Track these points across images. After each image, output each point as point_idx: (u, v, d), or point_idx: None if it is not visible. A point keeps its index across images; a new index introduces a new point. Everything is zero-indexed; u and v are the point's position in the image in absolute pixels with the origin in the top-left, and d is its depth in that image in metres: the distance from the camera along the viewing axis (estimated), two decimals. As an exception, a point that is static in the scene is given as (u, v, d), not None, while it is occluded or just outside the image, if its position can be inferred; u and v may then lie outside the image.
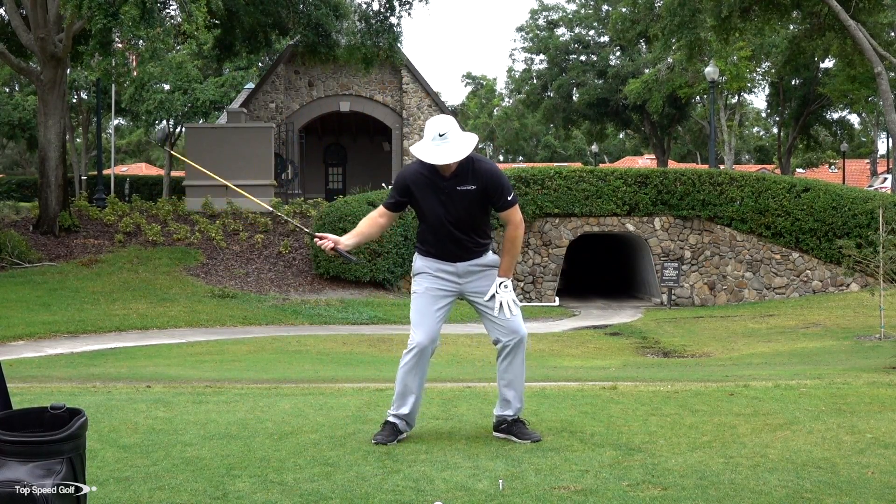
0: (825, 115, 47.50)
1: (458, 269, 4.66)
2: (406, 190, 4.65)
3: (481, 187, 4.56)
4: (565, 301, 21.97)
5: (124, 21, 16.45)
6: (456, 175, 4.56)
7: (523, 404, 4.76)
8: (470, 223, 4.62)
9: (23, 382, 7.31)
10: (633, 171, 22.25)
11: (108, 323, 14.84)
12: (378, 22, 25.46)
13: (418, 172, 4.64)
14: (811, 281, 20.84)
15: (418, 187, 4.61)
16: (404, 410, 4.63)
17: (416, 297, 4.71)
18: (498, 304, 4.59)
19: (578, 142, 68.67)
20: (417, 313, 4.67)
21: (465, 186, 4.55)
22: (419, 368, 4.64)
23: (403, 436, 4.64)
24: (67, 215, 21.49)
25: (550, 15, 49.99)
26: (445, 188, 4.56)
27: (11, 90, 48.09)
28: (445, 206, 4.57)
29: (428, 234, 4.68)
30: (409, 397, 4.65)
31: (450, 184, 4.55)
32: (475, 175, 4.58)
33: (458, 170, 4.56)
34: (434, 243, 4.66)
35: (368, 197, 20.78)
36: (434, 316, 4.65)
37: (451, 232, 4.59)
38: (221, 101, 38.34)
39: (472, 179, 4.56)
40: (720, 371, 9.24)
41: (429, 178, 4.59)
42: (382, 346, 13.23)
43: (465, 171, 4.57)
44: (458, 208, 4.56)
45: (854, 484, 3.71)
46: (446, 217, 4.57)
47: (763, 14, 25.22)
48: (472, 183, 4.56)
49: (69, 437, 2.61)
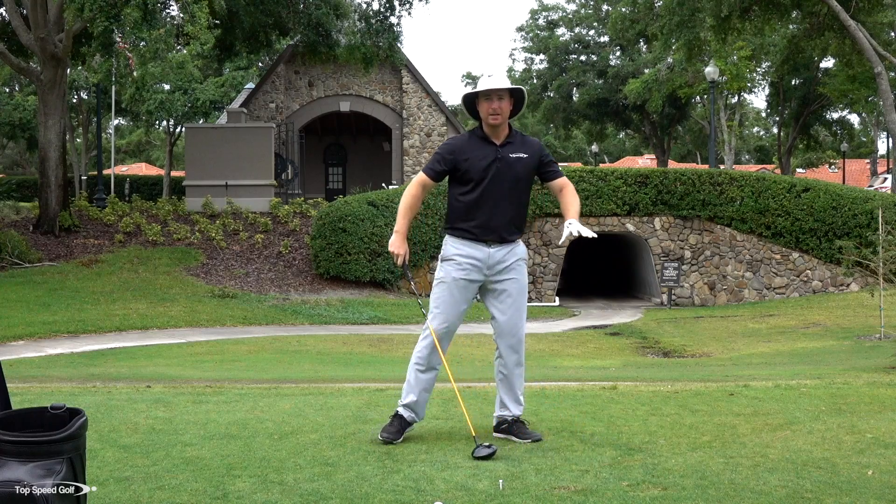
0: (825, 115, 47.50)
1: (490, 256, 4.55)
2: (454, 155, 4.55)
3: (533, 155, 4.59)
4: (565, 301, 21.97)
5: (126, 23, 16.44)
6: (508, 142, 4.57)
7: (524, 404, 4.76)
8: (517, 194, 4.57)
9: (23, 382, 7.31)
10: (633, 171, 22.25)
11: (108, 323, 14.84)
12: (378, 22, 25.47)
13: (468, 137, 4.63)
14: (811, 281, 20.84)
15: (469, 150, 4.55)
16: (412, 398, 4.61)
17: (439, 284, 4.62)
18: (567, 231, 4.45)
19: (578, 142, 68.66)
20: (438, 301, 4.60)
21: (518, 154, 4.56)
22: (432, 357, 4.61)
23: (412, 428, 4.63)
24: (67, 215, 21.50)
25: (550, 15, 49.99)
26: (499, 153, 4.53)
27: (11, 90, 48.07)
28: (499, 171, 4.51)
29: (470, 208, 4.54)
30: (417, 386, 4.62)
31: (503, 150, 4.55)
32: (525, 144, 4.61)
33: (510, 137, 4.58)
34: (475, 218, 4.53)
35: (368, 197, 20.77)
36: (454, 306, 4.58)
37: (498, 203, 4.52)
38: (221, 101, 38.33)
39: (523, 148, 4.59)
40: (720, 371, 9.24)
41: (480, 143, 4.57)
42: (382, 346, 13.23)
43: (516, 139, 4.60)
44: (510, 176, 4.52)
45: (854, 484, 3.71)
46: (497, 182, 4.51)
47: (763, 14, 25.21)
48: (524, 151, 4.58)
49: (69, 437, 2.61)
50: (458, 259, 4.57)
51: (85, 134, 45.63)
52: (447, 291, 4.58)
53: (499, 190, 4.52)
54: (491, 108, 4.50)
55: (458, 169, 4.56)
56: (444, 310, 4.58)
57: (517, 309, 4.63)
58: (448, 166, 4.58)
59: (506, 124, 4.59)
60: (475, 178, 4.53)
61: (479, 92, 4.54)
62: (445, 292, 4.59)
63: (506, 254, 4.58)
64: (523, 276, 4.67)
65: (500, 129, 4.57)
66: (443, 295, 4.60)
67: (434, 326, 4.57)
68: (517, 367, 4.68)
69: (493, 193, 4.52)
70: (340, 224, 19.63)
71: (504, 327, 4.64)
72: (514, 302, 4.61)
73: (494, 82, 4.51)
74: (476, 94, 4.57)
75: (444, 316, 4.58)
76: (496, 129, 4.57)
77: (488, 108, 4.51)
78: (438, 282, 4.64)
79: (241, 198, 24.43)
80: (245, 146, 25.54)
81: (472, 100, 4.63)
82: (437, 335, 4.56)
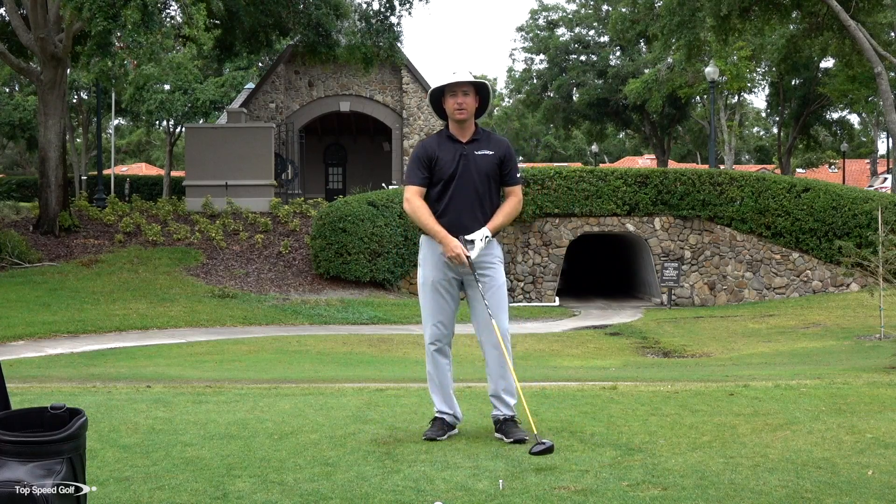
0: (825, 115, 47.49)
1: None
2: (427, 157, 4.63)
3: (499, 153, 4.65)
4: (565, 301, 21.97)
5: (125, 24, 16.40)
6: (474, 139, 4.64)
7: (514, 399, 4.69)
8: (487, 191, 4.62)
9: (23, 382, 7.32)
10: (633, 171, 22.25)
11: (108, 323, 14.84)
12: (378, 22, 25.45)
13: (436, 138, 4.71)
14: (811, 281, 20.84)
15: (438, 151, 4.63)
16: (442, 405, 4.67)
17: (421, 289, 4.72)
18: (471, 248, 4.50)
19: (578, 142, 68.66)
20: (427, 306, 4.69)
21: (484, 151, 4.62)
22: (440, 362, 4.68)
23: (455, 431, 4.67)
24: (67, 215, 21.50)
25: (550, 15, 49.96)
26: (464, 150, 4.61)
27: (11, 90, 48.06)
28: (465, 167, 4.58)
29: (439, 207, 4.61)
30: (440, 392, 4.69)
31: (469, 147, 4.62)
32: (492, 142, 4.68)
33: (476, 135, 4.65)
34: (444, 216, 4.59)
35: (368, 197, 20.77)
36: (440, 309, 4.65)
37: (466, 200, 4.57)
38: (221, 101, 38.35)
39: (489, 145, 4.65)
40: (720, 371, 9.24)
41: (447, 142, 4.65)
42: (382, 346, 13.23)
43: (483, 136, 4.67)
44: (477, 171, 4.58)
45: (854, 484, 3.71)
46: (464, 180, 4.57)
47: (763, 14, 25.21)
48: (491, 148, 4.64)
49: (69, 437, 2.61)
50: (432, 260, 4.65)
51: (85, 134, 45.64)
52: (429, 295, 4.67)
53: (466, 187, 4.58)
54: (456, 103, 4.58)
55: (431, 168, 4.64)
56: (432, 314, 4.67)
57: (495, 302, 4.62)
58: (427, 169, 4.65)
59: (472, 122, 4.67)
60: (443, 177, 4.61)
61: (444, 88, 4.62)
62: (428, 297, 4.68)
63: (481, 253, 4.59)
64: (499, 273, 4.68)
65: (465, 127, 4.65)
66: (426, 300, 4.70)
67: (427, 335, 4.68)
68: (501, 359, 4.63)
69: (460, 191, 4.58)
70: (340, 224, 19.62)
71: (481, 321, 4.65)
72: (490, 295, 4.61)
73: (459, 77, 4.61)
74: (442, 92, 4.64)
75: (433, 321, 4.66)
76: (462, 126, 4.64)
77: (453, 104, 4.59)
78: (420, 287, 4.75)
79: (241, 198, 24.43)
80: (245, 146, 25.54)
81: (439, 99, 4.70)
82: (434, 342, 4.66)
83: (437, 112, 4.77)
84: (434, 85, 4.68)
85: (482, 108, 4.69)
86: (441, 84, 4.63)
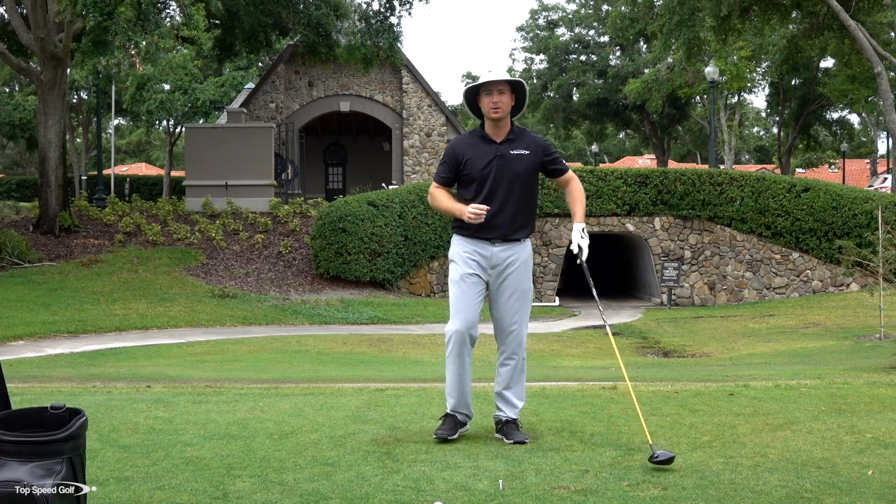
0: (825, 115, 47.49)
1: (493, 255, 4.55)
2: (457, 157, 4.58)
3: (535, 151, 4.58)
4: (565, 301, 21.97)
5: (119, 21, 16.37)
6: (508, 139, 4.56)
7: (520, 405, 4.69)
8: (521, 191, 4.54)
9: (23, 382, 7.31)
10: (633, 171, 22.25)
11: (108, 323, 14.84)
12: (378, 22, 25.44)
13: (468, 137, 4.65)
14: (811, 281, 20.84)
15: (469, 150, 4.57)
16: (455, 402, 4.60)
17: (452, 284, 4.62)
18: (577, 245, 4.51)
19: (578, 142, 68.65)
20: (454, 300, 4.59)
21: (519, 150, 4.55)
22: (461, 358, 4.56)
23: (465, 428, 4.63)
24: (67, 215, 21.50)
25: (550, 15, 49.98)
26: (498, 150, 4.53)
27: (11, 90, 48.07)
28: (499, 168, 4.51)
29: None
30: (457, 388, 4.59)
31: (503, 147, 4.55)
32: (527, 140, 4.60)
33: (511, 134, 4.58)
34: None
35: (368, 197, 20.76)
36: (471, 303, 4.55)
37: (500, 200, 4.49)
38: (221, 101, 38.36)
39: (524, 144, 4.57)
40: (720, 371, 9.24)
41: (480, 142, 4.58)
42: (382, 346, 13.23)
43: (517, 135, 4.59)
44: (511, 172, 4.51)
45: (854, 484, 3.71)
46: (498, 180, 4.50)
47: (763, 14, 25.21)
48: (525, 148, 4.56)
49: (69, 437, 2.61)
50: (464, 256, 4.58)
51: (85, 134, 45.64)
52: (459, 289, 4.57)
53: (500, 187, 4.51)
54: (491, 101, 4.51)
55: (461, 169, 4.58)
56: (460, 307, 4.55)
57: (517, 308, 4.61)
58: (452, 170, 4.60)
59: (507, 121, 4.59)
60: (476, 176, 4.54)
61: (480, 87, 4.55)
62: (457, 290, 4.58)
63: (510, 254, 4.57)
64: (526, 277, 4.65)
65: (501, 126, 4.58)
66: (455, 293, 4.58)
67: (455, 327, 4.54)
68: (516, 367, 4.65)
69: (494, 191, 4.51)
70: (340, 224, 19.62)
71: (501, 326, 4.63)
72: (514, 300, 4.60)
73: (495, 76, 4.54)
74: (478, 91, 4.57)
75: (461, 315, 4.54)
76: (497, 125, 4.57)
77: (489, 103, 4.52)
78: (450, 282, 4.65)
79: (241, 198, 24.43)
80: (245, 146, 25.54)
81: (474, 98, 4.63)
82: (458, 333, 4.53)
83: (472, 111, 4.68)
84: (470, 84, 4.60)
85: (518, 106, 4.62)
86: (477, 83, 4.56)
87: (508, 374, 4.65)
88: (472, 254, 4.56)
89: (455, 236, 4.66)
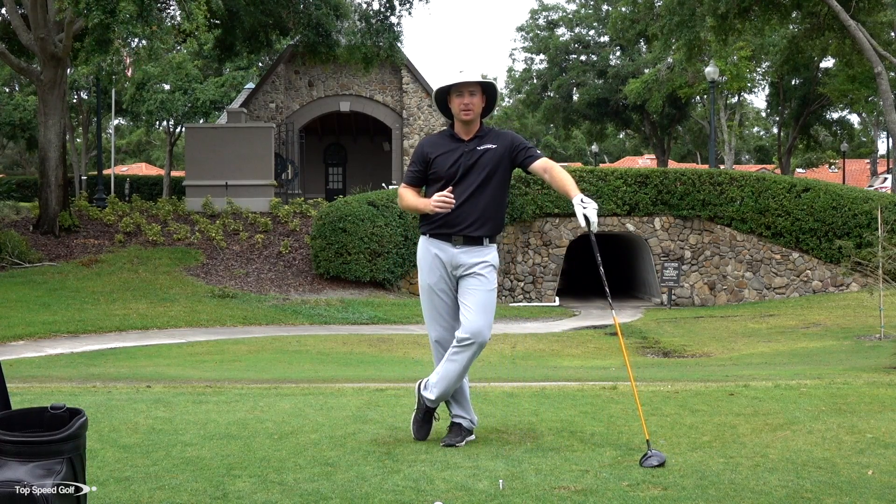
0: (825, 115, 47.48)
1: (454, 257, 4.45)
2: (425, 157, 4.54)
3: (503, 144, 4.51)
4: (565, 301, 21.97)
5: (121, 17, 16.36)
6: (477, 136, 4.53)
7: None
8: (487, 189, 4.45)
9: (23, 382, 7.32)
10: (633, 171, 22.25)
11: (108, 323, 14.84)
12: (378, 21, 25.44)
13: (437, 137, 4.63)
14: (811, 281, 20.85)
15: (436, 149, 4.53)
16: (456, 409, 4.59)
17: (421, 291, 4.63)
18: (582, 217, 4.27)
19: (578, 142, 68.66)
20: (425, 311, 4.63)
21: (486, 145, 4.50)
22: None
23: (472, 437, 4.55)
24: (67, 215, 21.50)
25: (550, 15, 49.97)
26: (466, 148, 4.49)
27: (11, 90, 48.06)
28: (465, 163, 4.46)
29: None
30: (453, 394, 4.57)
31: (470, 144, 4.51)
32: (496, 136, 4.55)
33: (479, 132, 4.54)
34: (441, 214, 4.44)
35: (368, 197, 20.77)
36: (440, 313, 4.56)
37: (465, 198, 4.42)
38: (221, 101, 38.35)
39: (493, 140, 4.52)
40: (720, 371, 9.24)
41: (449, 141, 4.55)
42: (382, 346, 13.23)
43: (486, 133, 4.55)
44: (478, 167, 4.45)
45: (854, 484, 3.71)
46: (465, 175, 4.44)
47: (763, 14, 25.21)
48: (494, 143, 4.51)
49: (69, 437, 2.61)
50: (427, 261, 4.56)
51: (85, 134, 45.63)
52: (427, 299, 4.60)
53: (466, 185, 4.45)
54: (462, 103, 4.47)
55: (429, 168, 4.55)
56: (433, 317, 4.59)
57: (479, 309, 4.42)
58: (421, 168, 4.57)
59: (477, 121, 4.56)
60: (443, 175, 4.49)
61: (450, 88, 4.51)
62: (427, 300, 4.60)
63: (471, 257, 4.46)
64: (490, 280, 4.49)
65: (471, 126, 4.54)
66: (425, 304, 4.62)
67: (432, 337, 4.61)
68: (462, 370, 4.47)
69: (462, 188, 4.45)
70: (340, 224, 19.62)
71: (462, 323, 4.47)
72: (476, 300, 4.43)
73: (466, 77, 4.50)
74: (448, 91, 4.53)
75: (435, 324, 4.59)
76: (467, 125, 4.53)
77: (460, 104, 4.48)
78: (420, 288, 4.67)
79: (241, 198, 24.43)
80: (245, 146, 25.54)
81: (445, 98, 4.58)
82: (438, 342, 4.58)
83: (442, 111, 4.64)
84: (439, 84, 4.54)
85: (489, 108, 4.58)
86: (447, 83, 4.51)
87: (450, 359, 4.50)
88: (433, 257, 4.52)
89: (421, 238, 4.62)
